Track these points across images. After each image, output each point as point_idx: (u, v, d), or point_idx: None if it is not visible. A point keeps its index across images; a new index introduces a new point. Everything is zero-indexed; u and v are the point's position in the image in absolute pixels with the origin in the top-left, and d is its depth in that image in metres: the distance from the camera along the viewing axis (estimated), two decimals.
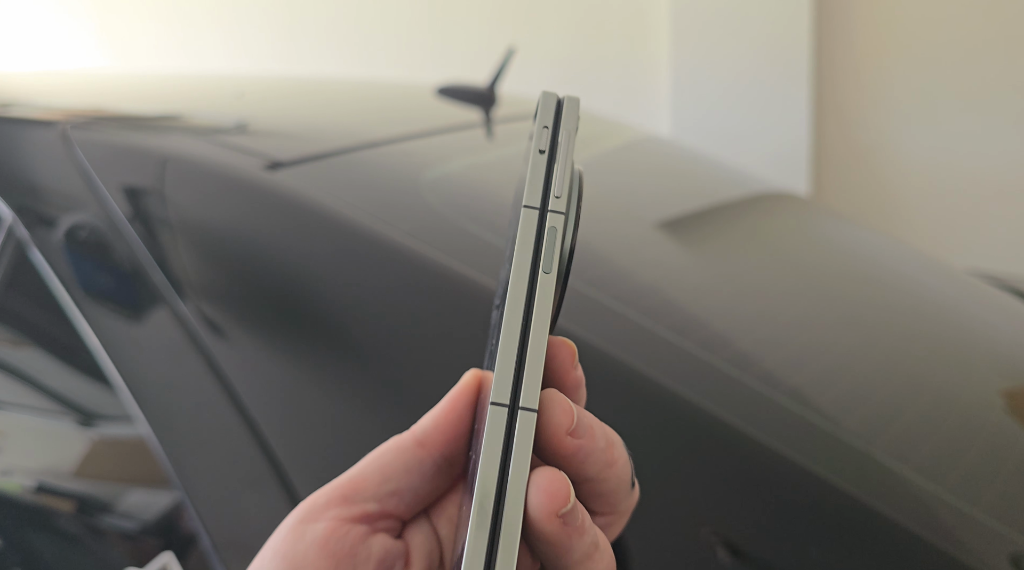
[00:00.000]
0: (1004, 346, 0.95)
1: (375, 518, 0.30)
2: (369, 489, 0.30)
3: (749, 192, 1.26)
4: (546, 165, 0.28)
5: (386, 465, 0.30)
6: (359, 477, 0.30)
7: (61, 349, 0.75)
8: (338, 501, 0.30)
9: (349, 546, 0.29)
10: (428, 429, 0.31)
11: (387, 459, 0.31)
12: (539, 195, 0.27)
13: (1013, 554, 0.56)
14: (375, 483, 0.30)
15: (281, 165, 0.76)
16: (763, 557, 0.54)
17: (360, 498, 0.30)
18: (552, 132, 0.28)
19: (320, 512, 0.30)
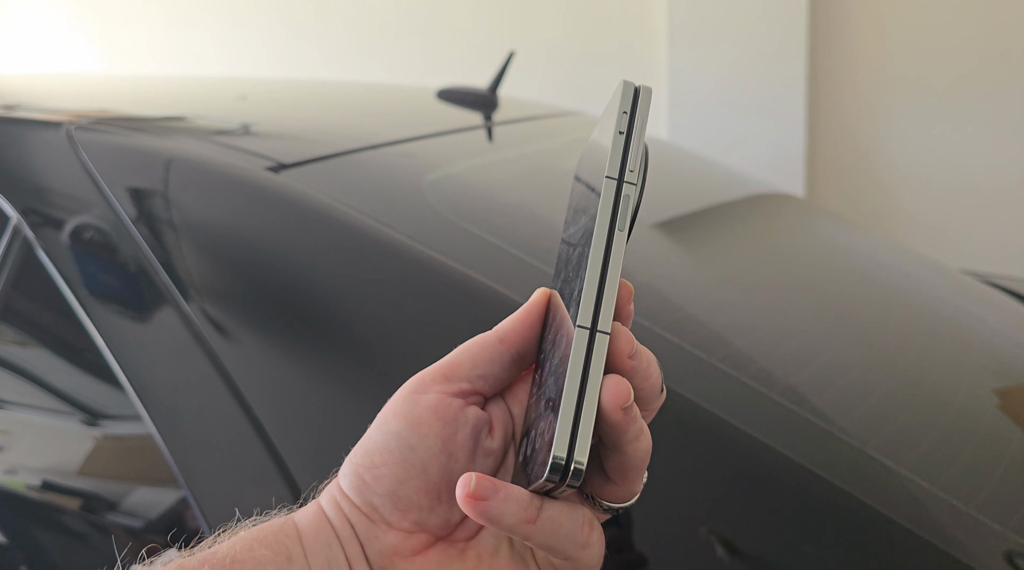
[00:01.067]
0: (998, 346, 0.95)
1: (468, 394, 0.39)
2: (463, 372, 0.39)
3: (745, 193, 1.26)
4: (624, 144, 0.35)
5: (476, 354, 0.39)
6: (455, 362, 0.39)
7: (66, 349, 0.75)
8: (441, 379, 0.38)
9: (452, 412, 0.38)
10: (508, 330, 0.39)
11: (476, 350, 0.39)
12: (617, 168, 0.35)
13: (1007, 551, 0.57)
14: (467, 367, 0.39)
15: (284, 167, 0.77)
16: (758, 554, 0.55)
17: (457, 378, 0.38)
18: (630, 117, 0.35)
19: (428, 386, 0.38)
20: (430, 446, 0.37)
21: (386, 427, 0.38)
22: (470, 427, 0.38)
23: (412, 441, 0.37)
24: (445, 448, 0.37)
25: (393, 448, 0.37)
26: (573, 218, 0.41)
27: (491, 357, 0.39)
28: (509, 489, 0.34)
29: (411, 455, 0.37)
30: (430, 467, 0.37)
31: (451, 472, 0.37)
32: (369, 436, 0.38)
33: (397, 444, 0.37)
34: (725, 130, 2.45)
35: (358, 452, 0.39)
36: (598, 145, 0.38)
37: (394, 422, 0.38)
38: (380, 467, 0.37)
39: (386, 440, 0.37)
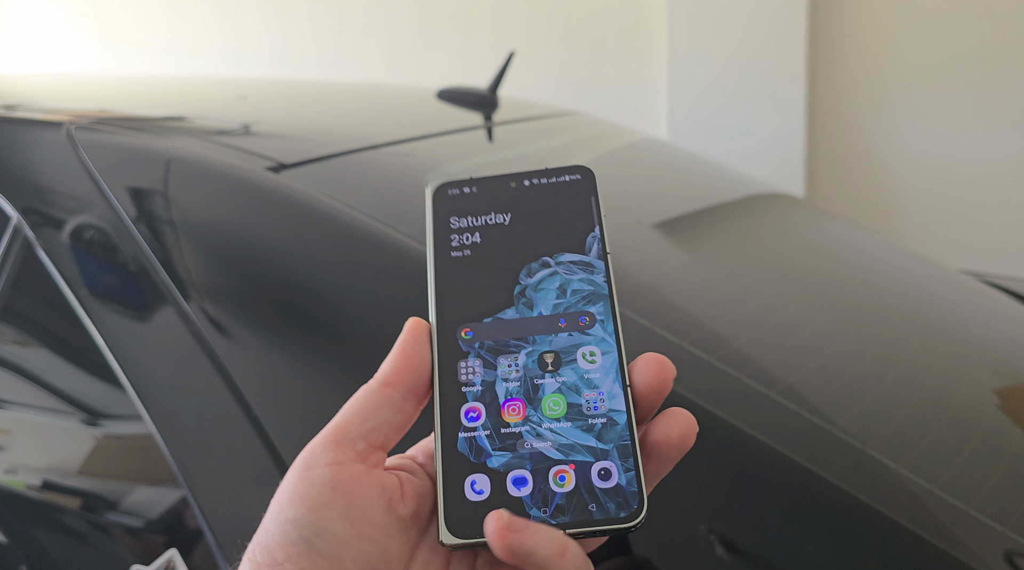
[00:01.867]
0: (998, 346, 0.96)
1: (365, 455, 0.35)
2: (353, 430, 0.35)
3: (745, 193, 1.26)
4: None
5: (362, 407, 0.36)
6: (343, 423, 0.36)
7: (66, 349, 0.75)
8: (332, 446, 0.35)
9: (356, 484, 0.34)
10: (388, 372, 0.37)
11: (361, 403, 0.36)
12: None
13: (1007, 551, 0.57)
14: (357, 424, 0.35)
15: (284, 167, 0.77)
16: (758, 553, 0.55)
17: (348, 440, 0.35)
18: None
19: (320, 459, 0.34)
20: (337, 531, 0.33)
21: (283, 516, 0.33)
22: (377, 497, 0.34)
23: (315, 528, 0.33)
24: (355, 529, 0.33)
25: (295, 539, 0.33)
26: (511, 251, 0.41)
27: (378, 404, 0.36)
28: (535, 523, 0.33)
29: (318, 544, 0.32)
30: (343, 554, 0.33)
31: (367, 555, 0.33)
32: (266, 528, 0.34)
33: (299, 534, 0.33)
34: (724, 127, 2.45)
35: (257, 549, 0.33)
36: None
37: (291, 509, 0.33)
38: (284, 564, 0.32)
39: (285, 531, 0.33)
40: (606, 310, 0.39)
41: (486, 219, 0.41)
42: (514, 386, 0.37)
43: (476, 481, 0.35)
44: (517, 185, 0.42)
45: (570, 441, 0.36)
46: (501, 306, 0.39)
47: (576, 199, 0.42)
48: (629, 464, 0.35)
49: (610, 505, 0.35)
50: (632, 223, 0.93)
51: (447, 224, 0.41)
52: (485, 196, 0.42)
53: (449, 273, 0.40)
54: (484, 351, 0.38)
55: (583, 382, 0.37)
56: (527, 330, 0.38)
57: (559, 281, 0.40)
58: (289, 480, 0.34)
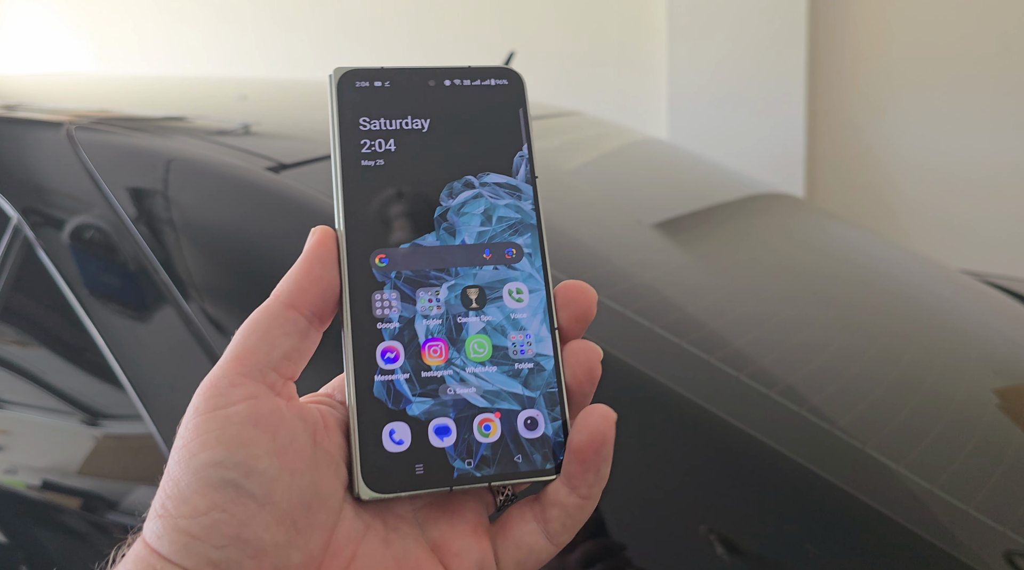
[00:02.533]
0: (998, 346, 0.96)
1: (278, 387, 0.31)
2: (261, 360, 0.31)
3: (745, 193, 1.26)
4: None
5: (266, 333, 0.32)
6: (247, 351, 0.31)
7: (66, 349, 0.75)
8: (240, 379, 0.31)
9: (278, 417, 0.30)
10: (293, 291, 0.33)
11: (264, 328, 0.32)
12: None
13: (1007, 551, 0.57)
14: (264, 352, 0.31)
15: (284, 167, 0.77)
16: (759, 553, 0.55)
17: (258, 370, 0.31)
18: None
19: (231, 394, 0.30)
20: (265, 469, 0.29)
21: (197, 460, 0.29)
22: (302, 427, 0.31)
23: (242, 468, 0.29)
24: (284, 464, 0.30)
25: (218, 483, 0.29)
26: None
27: (284, 329, 0.32)
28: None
29: (247, 485, 0.29)
30: (274, 493, 0.29)
31: (301, 492, 0.30)
32: (175, 478, 0.30)
33: (222, 477, 0.29)
34: (724, 128, 2.45)
35: (168, 501, 0.29)
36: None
37: (207, 452, 0.29)
38: (209, 513, 0.29)
39: (204, 477, 0.29)
40: (534, 242, 0.35)
41: (401, 123, 0.36)
42: (435, 324, 0.34)
43: (395, 430, 0.32)
44: (436, 84, 0.37)
45: (495, 387, 0.33)
46: (421, 230, 0.34)
47: (503, 109, 0.37)
48: (556, 413, 0.33)
49: (536, 456, 0.33)
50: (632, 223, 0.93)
51: (356, 125, 0.35)
52: (400, 94, 0.36)
53: (360, 186, 0.35)
54: (402, 282, 0.34)
55: (509, 322, 0.34)
56: (449, 260, 0.34)
57: (483, 205, 0.36)
58: (197, 422, 0.30)
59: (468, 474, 0.32)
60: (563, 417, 0.33)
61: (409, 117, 0.36)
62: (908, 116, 2.40)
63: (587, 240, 0.81)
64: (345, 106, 0.35)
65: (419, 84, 0.37)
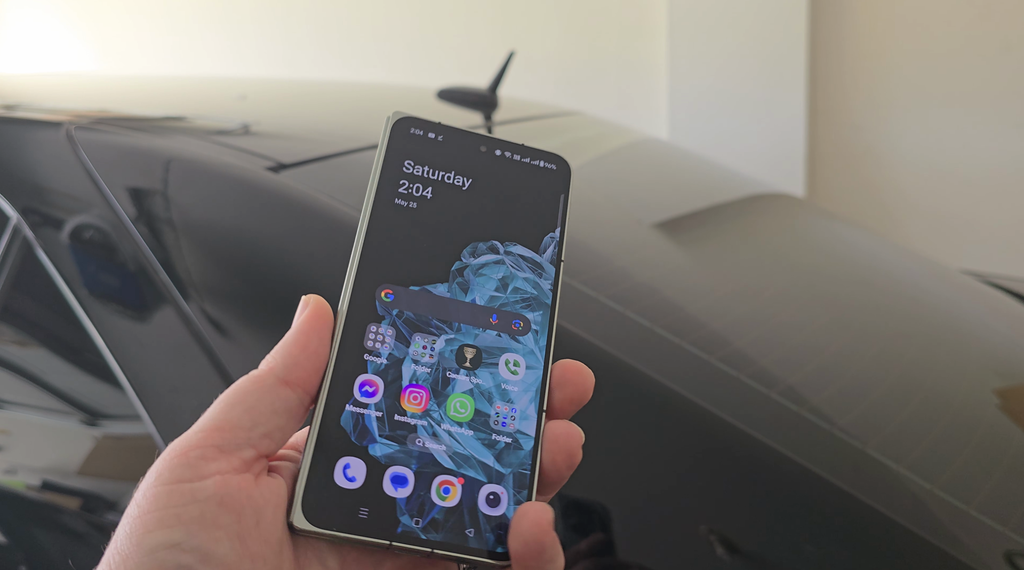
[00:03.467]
0: (998, 346, 0.96)
1: (252, 463, 0.29)
2: (241, 435, 0.29)
3: (745, 193, 1.26)
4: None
5: (252, 407, 0.30)
6: (227, 424, 0.29)
7: (66, 349, 0.75)
8: (214, 452, 0.29)
9: (246, 497, 0.28)
10: (291, 367, 0.31)
11: (252, 401, 0.30)
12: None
13: (1007, 551, 0.57)
14: (246, 429, 0.29)
15: (284, 166, 0.77)
16: (759, 553, 0.55)
17: (235, 446, 0.29)
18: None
19: (200, 467, 0.28)
20: (223, 554, 0.27)
21: (152, 540, 0.27)
22: (272, 508, 0.29)
23: (200, 553, 0.27)
24: (247, 550, 0.28)
25: (173, 568, 0.27)
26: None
27: (273, 407, 0.30)
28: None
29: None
30: None
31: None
32: (124, 554, 0.27)
33: (176, 563, 0.27)
34: (725, 127, 2.45)
35: None
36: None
37: (164, 532, 0.27)
38: None
39: (159, 559, 0.27)
40: (544, 321, 0.35)
41: (444, 176, 0.36)
42: (423, 371, 0.33)
43: (350, 465, 0.30)
44: (487, 151, 0.38)
45: (467, 452, 0.32)
46: (433, 278, 0.34)
47: (545, 191, 0.38)
48: (522, 496, 0.32)
49: (489, 535, 0.31)
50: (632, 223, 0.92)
51: (399, 166, 0.36)
52: (450, 150, 0.37)
53: (386, 221, 0.35)
54: (401, 321, 0.33)
55: (498, 392, 0.33)
56: (455, 314, 0.34)
57: (503, 272, 0.35)
58: (157, 492, 0.28)
59: (413, 534, 0.30)
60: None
61: (453, 172, 0.37)
62: (908, 116, 2.40)
63: (587, 240, 0.81)
64: (394, 146, 0.37)
65: (471, 146, 0.37)
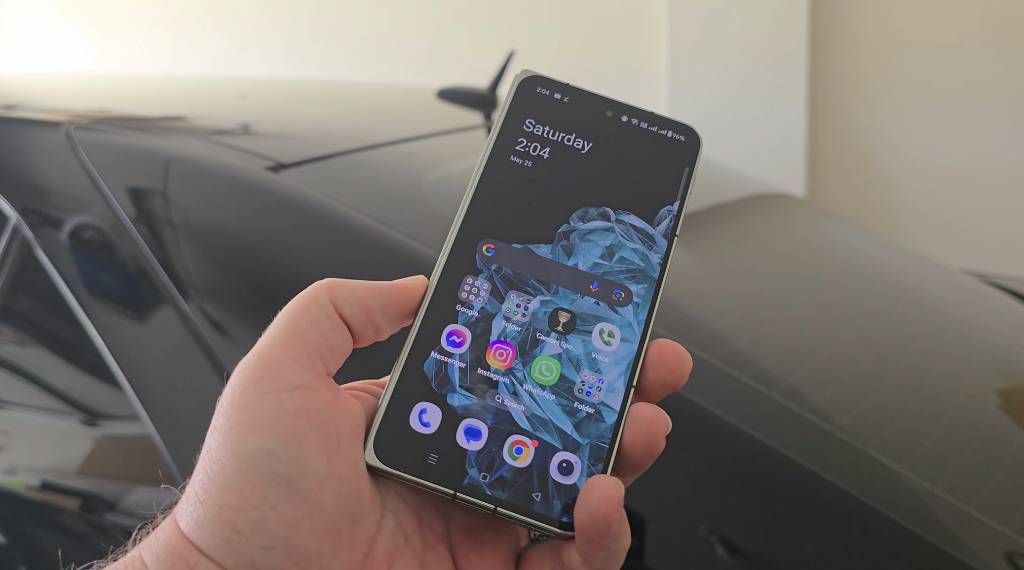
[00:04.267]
0: (999, 346, 0.95)
1: (326, 379, 0.29)
2: (311, 347, 0.29)
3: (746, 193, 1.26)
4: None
5: (315, 320, 0.30)
6: (298, 335, 0.29)
7: (65, 349, 0.75)
8: (294, 364, 0.28)
9: (329, 413, 0.28)
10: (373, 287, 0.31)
11: (313, 314, 0.30)
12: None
13: (1008, 551, 0.57)
14: (314, 341, 0.29)
15: (284, 166, 0.77)
16: (759, 553, 0.55)
17: (308, 357, 0.29)
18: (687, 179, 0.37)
19: (283, 379, 0.28)
20: (316, 469, 0.27)
21: (246, 446, 0.26)
22: (350, 428, 0.29)
23: (295, 465, 0.27)
24: (333, 468, 0.27)
25: (271, 477, 0.26)
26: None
27: (333, 324, 0.30)
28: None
29: (299, 484, 0.26)
30: (322, 498, 0.27)
31: (345, 499, 0.28)
32: (221, 462, 0.27)
33: (274, 472, 0.26)
34: (726, 128, 2.45)
35: (213, 486, 0.26)
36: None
37: (258, 439, 0.27)
38: (260, 507, 0.26)
39: (255, 466, 0.26)
40: (647, 295, 0.34)
41: (564, 137, 0.35)
42: (513, 329, 0.32)
43: (427, 411, 0.30)
44: (614, 115, 0.36)
45: (545, 416, 0.31)
46: (538, 238, 0.33)
47: (670, 161, 0.37)
48: (597, 469, 0.31)
49: (556, 503, 0.30)
50: None
51: (520, 124, 0.35)
52: (574, 112, 0.36)
53: (498, 177, 0.34)
54: (499, 277, 0.33)
55: (588, 360, 0.32)
56: (554, 276, 0.33)
57: (611, 240, 0.34)
58: (246, 403, 0.27)
59: (478, 488, 0.29)
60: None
61: (574, 134, 0.36)
62: (909, 116, 2.40)
63: None
64: (517, 104, 0.36)
65: (596, 110, 0.36)
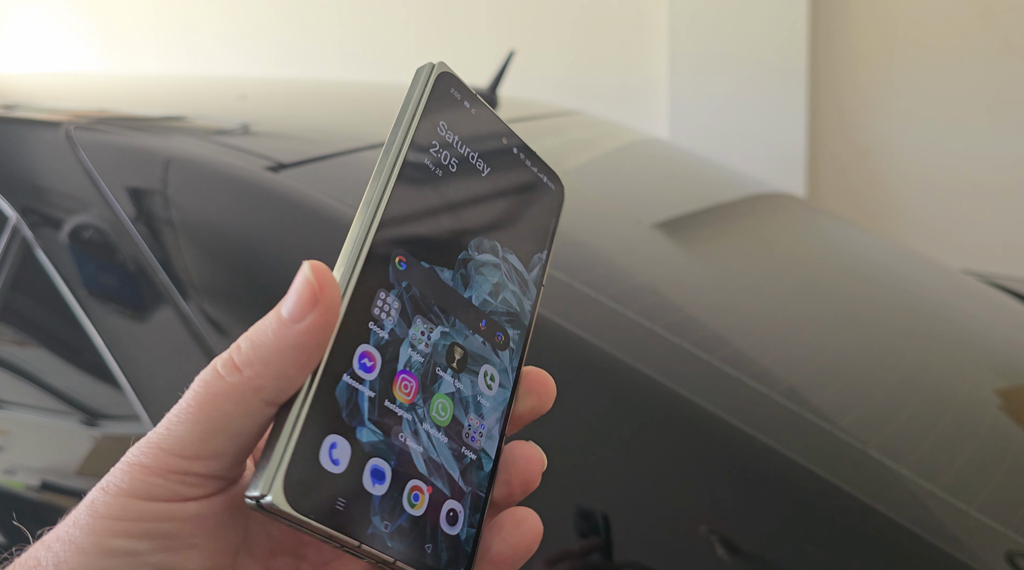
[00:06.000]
0: (1000, 346, 0.95)
1: (235, 480, 0.28)
2: (227, 462, 0.27)
3: (746, 193, 1.26)
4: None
5: (237, 435, 0.26)
6: (210, 453, 0.26)
7: (65, 349, 0.75)
8: (199, 480, 0.26)
9: (230, 515, 0.27)
10: (283, 390, 0.26)
11: (237, 427, 0.26)
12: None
13: (1008, 552, 0.57)
14: (231, 455, 0.27)
15: (284, 166, 0.76)
16: (760, 554, 0.55)
17: (220, 472, 0.27)
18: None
19: (182, 492, 0.26)
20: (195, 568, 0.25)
21: (113, 544, 0.24)
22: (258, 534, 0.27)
23: (164, 568, 0.24)
24: (219, 563, 0.26)
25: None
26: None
27: (260, 429, 0.26)
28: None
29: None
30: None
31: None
32: (78, 546, 0.24)
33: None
34: (726, 129, 2.45)
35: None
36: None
37: (127, 542, 0.24)
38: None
39: (116, 565, 0.24)
40: (520, 343, 0.33)
41: (470, 153, 0.33)
42: (417, 359, 0.29)
43: (337, 445, 0.26)
44: (508, 144, 0.35)
45: (439, 460, 0.29)
46: (442, 261, 0.31)
47: (543, 208, 0.36)
48: (475, 520, 0.29)
49: (444, 555, 0.28)
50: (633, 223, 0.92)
51: (435, 125, 0.32)
52: (479, 128, 0.34)
53: (413, 180, 0.30)
54: (408, 297, 0.29)
55: (474, 403, 0.31)
56: (453, 307, 0.31)
57: (497, 278, 0.33)
58: (124, 505, 0.26)
59: (381, 538, 0.26)
60: (478, 527, 0.29)
61: (477, 154, 0.33)
62: (909, 116, 2.40)
63: (587, 240, 0.81)
64: (434, 102, 0.32)
65: (496, 132, 0.35)
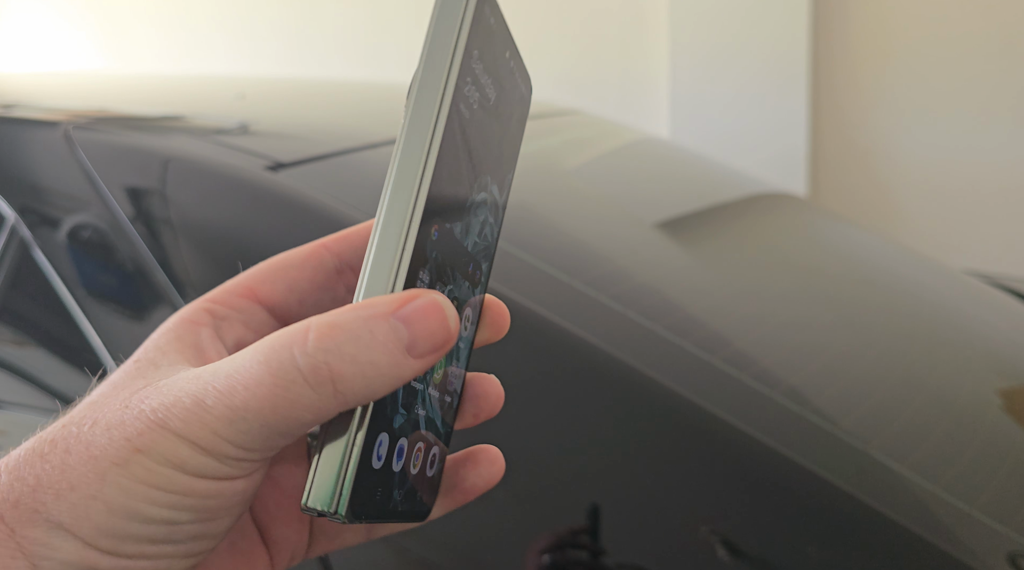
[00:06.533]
0: (1001, 346, 0.95)
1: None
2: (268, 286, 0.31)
3: (747, 192, 1.26)
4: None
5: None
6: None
7: (63, 349, 0.75)
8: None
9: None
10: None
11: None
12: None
13: (1010, 552, 0.56)
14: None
15: (282, 166, 0.76)
16: (761, 555, 0.55)
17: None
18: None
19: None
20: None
21: (143, 513, 0.25)
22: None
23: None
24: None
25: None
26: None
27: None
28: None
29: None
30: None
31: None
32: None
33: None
34: (726, 129, 2.45)
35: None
36: None
37: (158, 510, 0.25)
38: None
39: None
40: (487, 272, 0.30)
41: (487, 81, 0.27)
42: None
43: (383, 442, 0.24)
44: (510, 56, 0.30)
45: (432, 416, 0.27)
46: (458, 217, 0.27)
47: (521, 123, 0.31)
48: (443, 456, 0.28)
49: (427, 496, 0.28)
50: (633, 223, 0.92)
51: (471, 62, 0.26)
52: (497, 45, 0.28)
53: (450, 141, 0.25)
54: (434, 268, 0.26)
55: (456, 351, 0.28)
56: (460, 264, 0.27)
57: (484, 214, 0.29)
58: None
59: (395, 506, 0.25)
60: (442, 466, 0.29)
61: (491, 79, 0.28)
62: (911, 115, 2.40)
63: (588, 240, 0.81)
64: (476, 28, 0.26)
65: (505, 46, 0.29)
